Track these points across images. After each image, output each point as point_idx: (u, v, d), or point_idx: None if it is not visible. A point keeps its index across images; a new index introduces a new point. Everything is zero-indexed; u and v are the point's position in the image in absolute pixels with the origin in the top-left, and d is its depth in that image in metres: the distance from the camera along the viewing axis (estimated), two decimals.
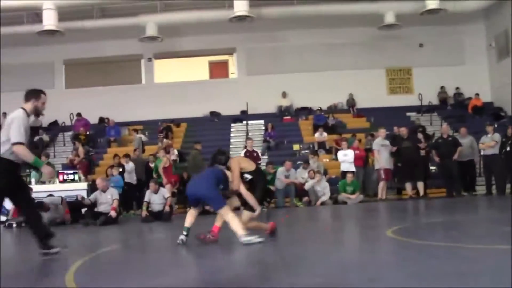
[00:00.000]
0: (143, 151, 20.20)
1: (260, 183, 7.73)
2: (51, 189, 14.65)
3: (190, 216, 7.70)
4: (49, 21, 20.89)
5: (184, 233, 7.52)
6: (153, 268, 5.98)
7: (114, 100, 24.53)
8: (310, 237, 7.82)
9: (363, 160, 17.79)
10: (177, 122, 24.31)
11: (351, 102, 25.44)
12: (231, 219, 7.23)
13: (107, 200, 13.20)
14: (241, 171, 7.60)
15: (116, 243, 9.28)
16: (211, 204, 7.70)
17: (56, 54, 24.79)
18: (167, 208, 13.52)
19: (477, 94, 24.63)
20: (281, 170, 16.71)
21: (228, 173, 7.63)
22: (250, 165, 7.78)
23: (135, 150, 18.81)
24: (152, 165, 17.32)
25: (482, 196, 15.93)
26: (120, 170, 16.56)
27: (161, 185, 14.91)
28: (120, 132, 23.32)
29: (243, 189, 7.52)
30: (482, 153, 16.48)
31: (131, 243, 9.22)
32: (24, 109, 6.42)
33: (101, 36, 23.69)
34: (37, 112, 6.57)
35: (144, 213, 13.46)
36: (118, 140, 22.69)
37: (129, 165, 16.86)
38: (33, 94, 6.54)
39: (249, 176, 7.64)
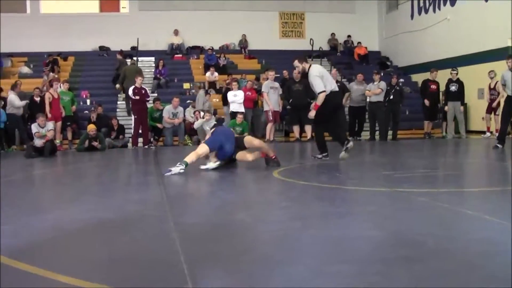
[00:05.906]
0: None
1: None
2: None
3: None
4: None
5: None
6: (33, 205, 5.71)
7: None
8: (195, 175, 7.75)
9: (253, 101, 17.80)
10: (64, 55, 23.35)
11: (243, 43, 25.42)
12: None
13: None
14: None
15: None
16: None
17: None
18: (48, 144, 13.03)
19: (359, 43, 25.31)
20: (168, 108, 16.42)
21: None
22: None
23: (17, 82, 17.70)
24: (37, 99, 16.49)
25: (366, 141, 16.47)
26: (2, 103, 15.64)
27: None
28: (3, 63, 21.96)
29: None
30: (368, 100, 16.95)
31: (13, 179, 8.74)
32: None
33: None
34: None
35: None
36: (1, 71, 21.33)
37: (12, 97, 15.83)
38: None
39: None
